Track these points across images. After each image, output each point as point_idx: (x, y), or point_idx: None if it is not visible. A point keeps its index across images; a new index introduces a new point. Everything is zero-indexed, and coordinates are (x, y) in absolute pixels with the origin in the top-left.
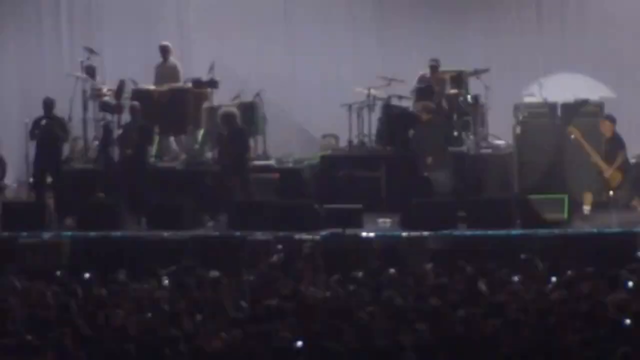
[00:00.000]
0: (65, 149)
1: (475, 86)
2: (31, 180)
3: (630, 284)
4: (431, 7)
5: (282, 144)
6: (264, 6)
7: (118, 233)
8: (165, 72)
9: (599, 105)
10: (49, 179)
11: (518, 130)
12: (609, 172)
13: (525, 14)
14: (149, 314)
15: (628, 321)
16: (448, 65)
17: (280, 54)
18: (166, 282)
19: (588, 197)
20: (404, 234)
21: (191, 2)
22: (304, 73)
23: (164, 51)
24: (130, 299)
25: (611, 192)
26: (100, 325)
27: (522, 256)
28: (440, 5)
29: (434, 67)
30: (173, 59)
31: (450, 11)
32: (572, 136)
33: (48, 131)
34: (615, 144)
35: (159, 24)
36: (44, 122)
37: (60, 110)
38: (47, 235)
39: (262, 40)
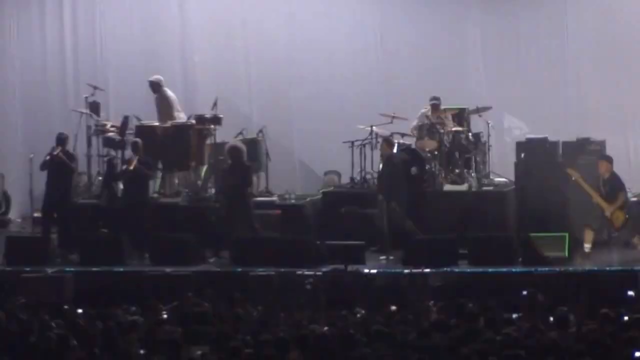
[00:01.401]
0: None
1: (477, 124)
2: (36, 215)
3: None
4: (433, 43)
5: (284, 180)
6: (267, 42)
7: (120, 268)
8: (158, 103)
9: (600, 144)
10: (55, 214)
11: (519, 168)
12: (610, 211)
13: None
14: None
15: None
16: (450, 103)
17: (283, 90)
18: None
19: (589, 235)
20: (406, 270)
21: (195, 39)
22: (306, 109)
23: (152, 86)
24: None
25: (615, 233)
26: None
27: (524, 292)
28: (443, 42)
29: (435, 105)
30: (165, 90)
31: (452, 47)
32: (572, 178)
33: (60, 165)
34: (615, 184)
35: (163, 60)
36: (57, 154)
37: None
38: (50, 270)
39: (265, 77)
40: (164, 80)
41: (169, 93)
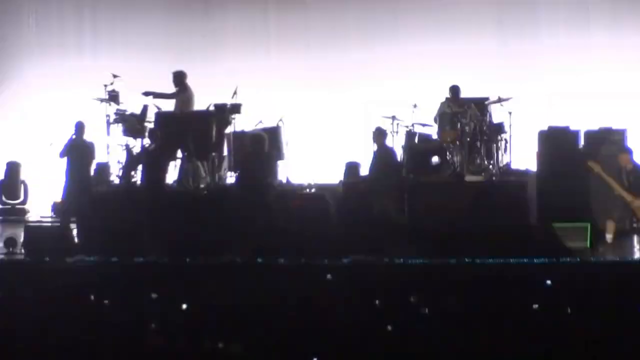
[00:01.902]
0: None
1: (498, 113)
2: (55, 203)
3: None
4: (454, 33)
5: (304, 170)
6: (286, 32)
7: (141, 258)
8: (178, 97)
9: (622, 133)
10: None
11: (541, 158)
12: (636, 203)
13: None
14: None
15: None
16: (471, 92)
17: (304, 80)
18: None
19: (611, 226)
20: (426, 261)
21: (215, 29)
22: (327, 99)
23: (175, 79)
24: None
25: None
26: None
27: (548, 282)
28: (463, 30)
29: (455, 94)
30: (187, 84)
31: (474, 38)
32: (594, 171)
33: (79, 152)
34: (638, 174)
35: (183, 49)
36: (76, 142)
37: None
38: (70, 260)
39: (285, 66)
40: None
41: (190, 88)
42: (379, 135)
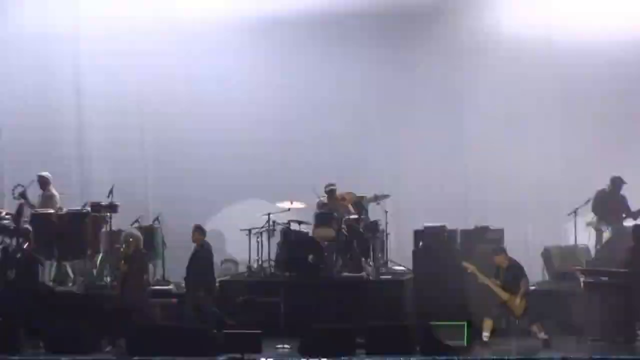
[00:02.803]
0: None
1: (375, 212)
2: None
3: None
4: (334, 131)
5: (181, 268)
6: (162, 128)
7: (15, 357)
8: (42, 201)
9: (499, 232)
10: None
11: (417, 256)
12: (511, 300)
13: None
14: None
15: None
16: (347, 189)
17: (180, 178)
18: None
19: (488, 324)
20: None
21: (90, 126)
22: (203, 196)
23: (40, 182)
24: None
25: (517, 321)
26: None
27: None
28: (343, 130)
29: (332, 192)
30: (51, 188)
31: (352, 135)
32: (468, 271)
33: None
34: (516, 272)
35: (58, 148)
36: None
37: None
38: None
39: (161, 163)
40: (52, 176)
41: (54, 192)
42: (197, 232)
